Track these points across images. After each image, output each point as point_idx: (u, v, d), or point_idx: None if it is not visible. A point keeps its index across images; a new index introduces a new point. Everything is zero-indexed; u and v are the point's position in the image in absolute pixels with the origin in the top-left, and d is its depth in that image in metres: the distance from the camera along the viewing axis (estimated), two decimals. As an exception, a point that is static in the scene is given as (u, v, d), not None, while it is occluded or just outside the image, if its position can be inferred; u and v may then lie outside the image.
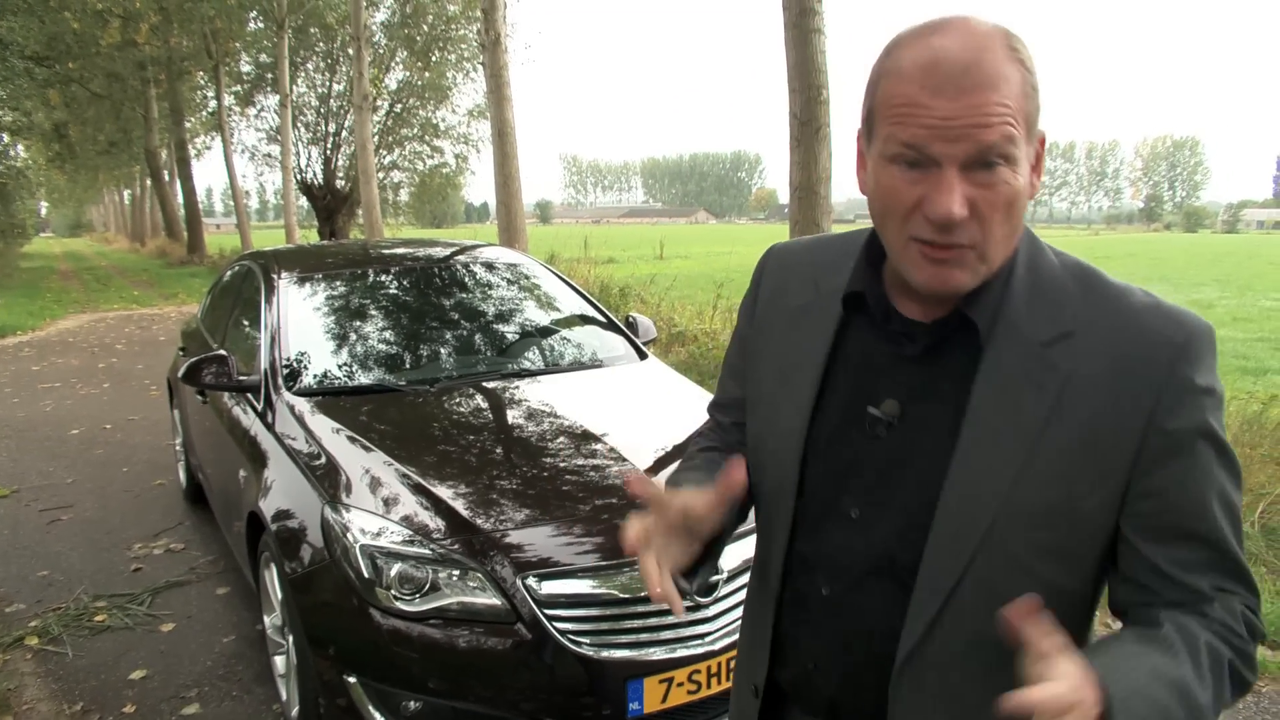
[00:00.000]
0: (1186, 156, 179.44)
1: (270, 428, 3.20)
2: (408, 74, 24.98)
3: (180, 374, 3.49)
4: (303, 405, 3.22)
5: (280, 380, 3.38)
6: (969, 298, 0.95)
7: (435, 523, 2.52)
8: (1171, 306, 0.94)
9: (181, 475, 5.35)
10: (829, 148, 5.74)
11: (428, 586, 2.37)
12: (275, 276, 3.97)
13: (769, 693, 1.16)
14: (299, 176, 23.81)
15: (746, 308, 1.21)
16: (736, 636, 1.75)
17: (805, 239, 1.21)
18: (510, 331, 4.11)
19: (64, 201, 69.62)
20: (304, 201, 25.19)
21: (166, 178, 34.71)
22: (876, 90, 0.92)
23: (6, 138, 27.06)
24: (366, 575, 2.40)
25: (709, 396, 3.78)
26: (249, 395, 3.50)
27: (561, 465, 2.90)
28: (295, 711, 2.77)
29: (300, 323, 3.71)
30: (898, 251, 0.95)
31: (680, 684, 2.37)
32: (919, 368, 1.00)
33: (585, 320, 4.28)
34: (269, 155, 26.39)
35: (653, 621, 2.40)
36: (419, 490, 2.66)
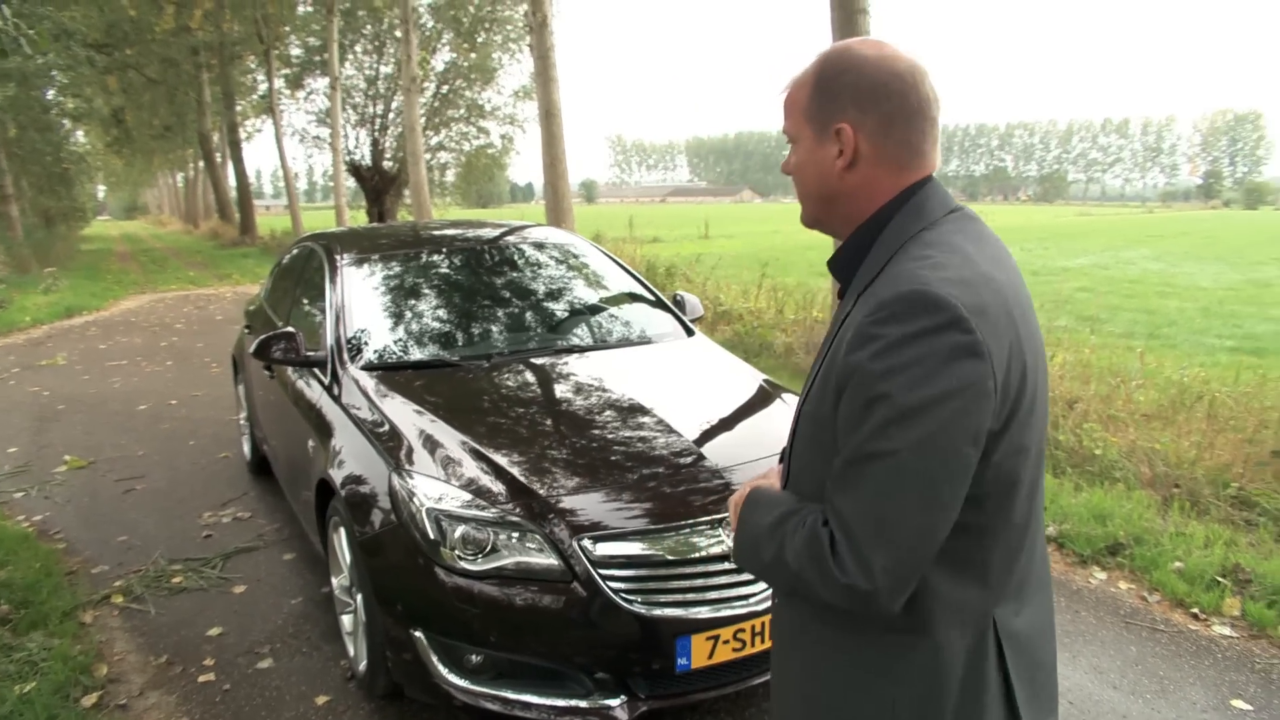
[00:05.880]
0: (1249, 131, 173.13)
1: (337, 400, 3.38)
2: (454, 55, 25.20)
3: (251, 350, 3.68)
4: (367, 379, 3.40)
5: (346, 355, 3.55)
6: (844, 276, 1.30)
7: (495, 488, 2.67)
8: (914, 273, 1.13)
9: (246, 448, 5.60)
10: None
11: (489, 547, 2.53)
12: (338, 257, 4.14)
13: None
14: (348, 158, 24.18)
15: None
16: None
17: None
18: (561, 309, 4.24)
19: (120, 185, 71.36)
20: (352, 183, 25.57)
21: (219, 160, 35.43)
22: None
23: (68, 124, 27.88)
24: (432, 537, 2.56)
25: (755, 373, 3.88)
26: (315, 370, 3.68)
27: (611, 436, 3.03)
28: (363, 665, 2.96)
29: (362, 301, 3.88)
30: None
31: (726, 641, 2.50)
32: None
33: (634, 298, 4.39)
34: (318, 137, 26.85)
35: (699, 582, 2.53)
36: (478, 457, 2.81)
